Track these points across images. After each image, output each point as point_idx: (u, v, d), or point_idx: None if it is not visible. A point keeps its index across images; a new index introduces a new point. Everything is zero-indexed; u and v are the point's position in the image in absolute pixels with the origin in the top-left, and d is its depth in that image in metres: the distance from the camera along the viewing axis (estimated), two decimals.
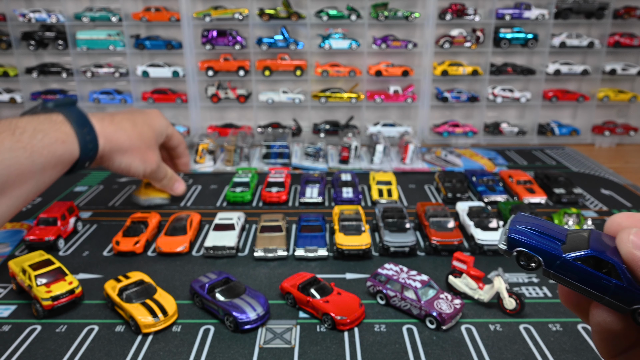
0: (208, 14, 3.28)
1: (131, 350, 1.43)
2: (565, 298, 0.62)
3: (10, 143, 1.31)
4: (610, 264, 0.53)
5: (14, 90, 3.54)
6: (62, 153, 1.45)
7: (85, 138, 1.52)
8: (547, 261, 0.58)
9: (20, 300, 1.68)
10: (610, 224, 0.58)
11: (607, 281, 0.53)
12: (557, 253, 0.57)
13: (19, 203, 1.39)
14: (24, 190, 1.39)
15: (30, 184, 1.39)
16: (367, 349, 1.43)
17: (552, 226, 0.61)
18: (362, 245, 1.90)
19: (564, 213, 2.12)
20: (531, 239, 0.59)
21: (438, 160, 3.08)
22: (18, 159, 1.32)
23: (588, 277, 0.55)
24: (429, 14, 3.29)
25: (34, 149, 1.38)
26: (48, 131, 1.43)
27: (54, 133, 1.44)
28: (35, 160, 1.38)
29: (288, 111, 3.61)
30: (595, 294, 0.54)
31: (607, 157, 3.29)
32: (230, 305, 1.53)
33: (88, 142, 1.53)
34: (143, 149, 1.76)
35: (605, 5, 3.31)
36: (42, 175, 1.41)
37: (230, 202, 2.46)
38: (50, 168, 1.42)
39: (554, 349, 1.42)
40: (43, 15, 3.32)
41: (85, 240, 2.10)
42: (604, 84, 3.55)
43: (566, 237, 0.59)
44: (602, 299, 0.54)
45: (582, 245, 0.56)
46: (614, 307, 0.53)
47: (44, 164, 1.40)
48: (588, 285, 0.55)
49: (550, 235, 0.59)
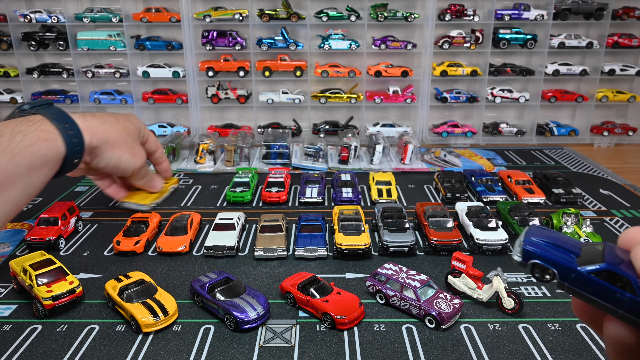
0: (208, 14, 3.29)
1: (132, 349, 1.44)
2: (579, 311, 0.62)
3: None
4: (625, 278, 0.53)
5: (15, 90, 3.55)
6: (46, 151, 1.42)
7: (68, 133, 1.48)
8: (561, 274, 0.57)
9: (21, 300, 1.68)
10: (625, 238, 0.58)
11: (621, 295, 0.53)
12: (571, 266, 0.57)
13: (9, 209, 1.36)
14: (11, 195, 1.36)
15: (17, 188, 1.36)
16: (367, 348, 1.43)
17: (567, 239, 0.61)
18: (362, 245, 1.90)
19: (563, 213, 2.13)
20: (546, 252, 0.59)
21: (437, 160, 3.08)
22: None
23: (602, 290, 0.54)
24: (428, 14, 3.30)
25: (15, 151, 1.36)
26: (27, 131, 1.40)
27: (34, 132, 1.41)
28: (18, 162, 1.36)
29: (288, 111, 3.62)
30: (609, 307, 0.54)
31: (606, 157, 3.30)
32: (231, 305, 1.53)
33: (72, 137, 1.50)
34: (130, 143, 1.74)
35: (604, 6, 3.32)
36: (29, 178, 1.38)
37: (230, 202, 2.47)
38: (36, 169, 1.39)
39: (552, 349, 1.43)
40: (44, 15, 3.32)
41: (86, 240, 2.11)
42: (603, 84, 3.56)
43: (581, 250, 0.59)
44: (617, 313, 0.54)
45: (597, 258, 0.56)
46: (629, 321, 0.53)
47: (28, 166, 1.37)
48: (602, 298, 0.54)
49: (565, 248, 0.59)
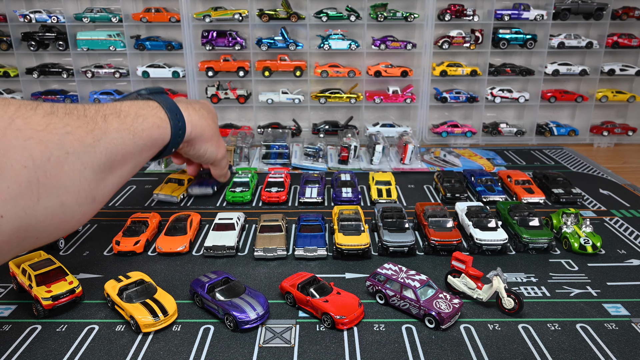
0: (208, 14, 3.29)
1: (131, 349, 1.44)
2: None
3: (117, 124, 1.42)
4: None
5: (15, 90, 3.55)
6: (157, 137, 1.57)
7: (177, 124, 1.65)
8: None
9: (20, 300, 1.68)
10: None
11: None
12: None
13: (121, 181, 1.50)
14: (125, 169, 1.50)
15: (130, 164, 1.52)
16: (366, 348, 1.43)
17: None
18: (362, 245, 1.91)
19: (563, 213, 2.13)
20: None
21: (437, 160, 3.08)
22: (123, 139, 1.43)
23: None
24: (428, 14, 3.30)
25: (136, 131, 1.48)
26: (147, 116, 1.54)
27: (152, 118, 1.55)
28: (137, 142, 1.48)
29: (288, 111, 3.62)
30: None
31: (606, 157, 3.30)
32: (230, 305, 1.53)
33: (179, 129, 1.66)
34: (217, 136, 1.97)
35: (603, 6, 3.32)
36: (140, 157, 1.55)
37: (230, 202, 2.47)
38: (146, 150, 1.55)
39: (552, 349, 1.43)
40: (43, 15, 3.33)
41: (86, 240, 2.11)
42: (603, 84, 3.56)
43: None
44: None
45: None
46: None
47: (142, 146, 1.52)
48: None
49: None
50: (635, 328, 1.52)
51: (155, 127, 1.55)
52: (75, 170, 1.31)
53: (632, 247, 2.03)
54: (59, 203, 1.29)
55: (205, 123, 1.87)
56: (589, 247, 1.94)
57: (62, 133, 1.28)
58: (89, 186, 1.34)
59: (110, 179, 1.42)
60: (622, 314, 1.59)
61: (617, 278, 1.80)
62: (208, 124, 1.87)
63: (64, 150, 1.27)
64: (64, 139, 1.28)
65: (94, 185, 1.36)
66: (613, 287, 1.74)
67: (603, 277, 1.81)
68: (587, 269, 1.86)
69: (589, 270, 1.85)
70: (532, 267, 1.87)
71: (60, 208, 1.30)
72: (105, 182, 1.41)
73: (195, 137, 1.83)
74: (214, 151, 1.96)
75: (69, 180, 1.29)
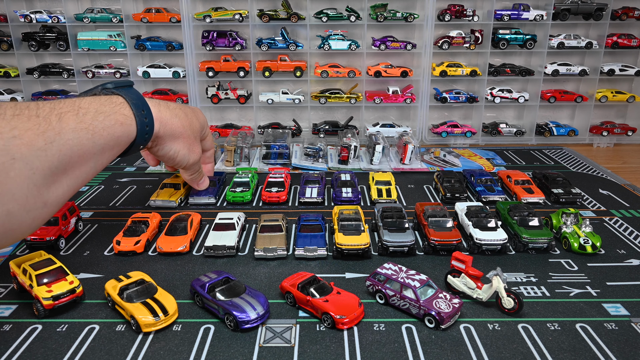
0: (208, 15, 3.30)
1: (132, 349, 1.44)
2: None
3: (74, 124, 1.33)
4: None
5: (15, 90, 3.56)
6: (120, 134, 1.45)
7: (143, 121, 1.52)
8: None
9: (21, 300, 1.69)
10: None
11: None
12: None
13: (79, 183, 1.40)
14: (84, 170, 1.39)
15: (89, 164, 1.39)
16: (366, 347, 1.44)
17: None
18: (362, 245, 1.91)
19: (562, 213, 2.13)
20: None
21: (437, 160, 3.09)
22: (80, 139, 1.34)
23: None
24: (428, 15, 3.30)
25: (96, 130, 1.38)
26: (109, 113, 1.43)
27: (115, 115, 1.44)
28: (97, 141, 1.38)
29: (288, 112, 3.63)
30: None
31: (605, 157, 3.30)
32: (231, 305, 1.54)
33: (145, 125, 1.53)
34: (191, 139, 1.79)
35: (603, 6, 3.33)
36: (101, 157, 1.43)
37: (231, 202, 2.47)
38: (108, 149, 1.43)
39: (552, 348, 1.43)
40: (44, 16, 3.33)
41: (86, 240, 2.11)
42: (602, 84, 3.57)
43: None
44: None
45: None
46: None
47: (103, 145, 1.40)
48: None
49: None
50: (635, 328, 1.52)
51: (118, 124, 1.45)
52: (23, 176, 1.23)
53: (632, 247, 2.03)
54: (4, 211, 1.22)
55: (179, 123, 1.72)
56: (589, 247, 1.95)
57: (8, 137, 1.21)
58: (39, 192, 1.27)
59: (66, 181, 1.34)
60: (621, 314, 1.59)
61: (616, 278, 1.80)
62: (182, 124, 1.74)
63: (9, 156, 1.20)
64: (10, 143, 1.21)
65: (44, 190, 1.28)
66: (613, 287, 1.74)
67: (603, 277, 1.81)
68: (586, 268, 1.87)
69: (588, 270, 1.85)
70: (531, 267, 1.88)
71: (6, 217, 1.23)
72: (59, 185, 1.33)
73: (164, 135, 1.68)
74: (186, 154, 1.81)
75: (15, 187, 1.22)
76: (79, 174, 1.37)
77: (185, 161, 1.81)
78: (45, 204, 1.30)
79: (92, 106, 1.41)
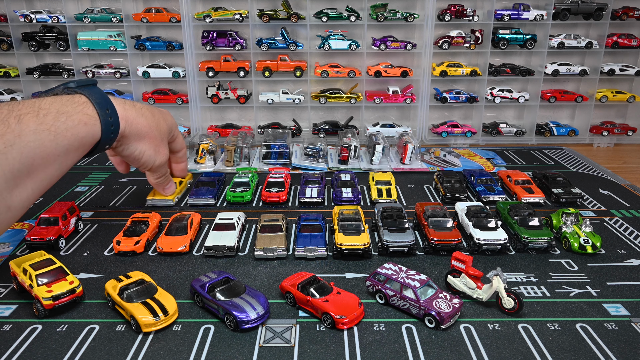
0: (208, 15, 3.30)
1: (132, 349, 1.44)
2: None
3: (35, 125, 1.29)
4: None
5: (15, 90, 3.56)
6: (84, 135, 1.41)
7: (107, 120, 1.47)
8: None
9: (21, 300, 1.69)
10: None
11: None
12: None
13: (44, 185, 1.36)
14: (48, 172, 1.35)
15: (54, 166, 1.35)
16: (367, 347, 1.44)
17: None
18: (362, 245, 1.91)
19: (562, 213, 2.13)
20: None
21: (437, 160, 3.09)
22: (42, 141, 1.30)
23: None
24: (428, 15, 3.30)
25: (58, 131, 1.34)
26: (71, 113, 1.39)
27: (77, 115, 1.40)
28: (60, 142, 1.34)
29: (288, 112, 3.63)
30: None
31: (606, 157, 3.30)
32: (231, 305, 1.54)
33: (110, 124, 1.49)
34: (158, 140, 1.74)
35: (603, 6, 3.33)
36: (65, 158, 1.38)
37: (231, 202, 2.47)
38: (73, 150, 1.39)
39: (552, 348, 1.43)
40: (44, 16, 3.33)
41: (86, 240, 2.11)
42: (602, 84, 3.57)
43: None
44: None
45: None
46: None
47: (67, 147, 1.36)
48: None
49: None
50: (635, 328, 1.52)
51: (82, 124, 1.40)
52: None
53: (632, 247, 2.03)
54: None
55: (145, 122, 1.68)
56: (589, 247, 1.95)
57: None
58: (1, 196, 1.23)
59: (30, 184, 1.31)
60: (622, 314, 1.59)
61: (617, 278, 1.80)
62: (148, 123, 1.68)
63: None
64: None
65: (6, 194, 1.25)
66: (613, 287, 1.74)
67: (603, 277, 1.81)
68: (586, 268, 1.87)
69: (588, 270, 1.85)
70: (531, 267, 1.88)
71: None
72: (23, 189, 1.29)
73: (130, 135, 1.64)
74: (152, 155, 1.74)
75: None
76: (43, 176, 1.34)
77: (151, 162, 1.77)
78: (9, 208, 1.27)
79: (53, 106, 1.37)
